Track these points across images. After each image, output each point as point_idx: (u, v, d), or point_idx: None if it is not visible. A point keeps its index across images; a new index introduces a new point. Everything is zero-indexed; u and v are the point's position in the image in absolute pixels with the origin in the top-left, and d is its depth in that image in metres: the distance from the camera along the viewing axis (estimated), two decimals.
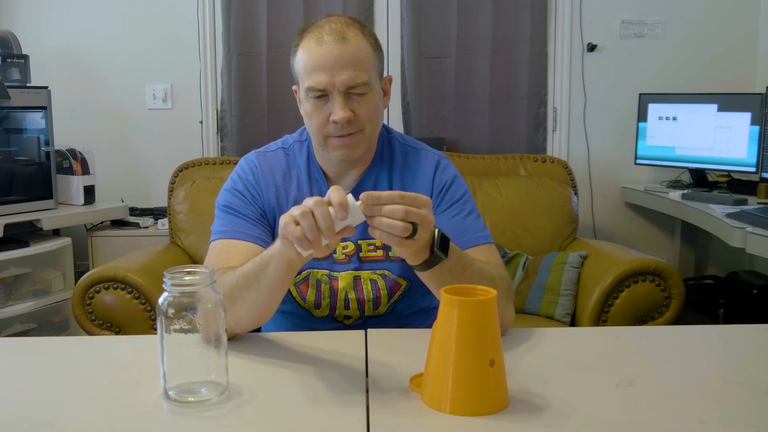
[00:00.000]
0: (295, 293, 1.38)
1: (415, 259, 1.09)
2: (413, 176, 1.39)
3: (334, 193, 0.97)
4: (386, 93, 1.37)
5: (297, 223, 0.97)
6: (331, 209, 0.97)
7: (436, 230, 1.09)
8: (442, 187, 1.37)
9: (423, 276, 1.13)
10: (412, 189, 1.36)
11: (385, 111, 3.63)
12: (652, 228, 3.38)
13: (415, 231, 1.00)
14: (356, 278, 1.36)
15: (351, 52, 1.25)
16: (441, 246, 1.09)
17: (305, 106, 1.31)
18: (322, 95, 1.26)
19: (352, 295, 1.36)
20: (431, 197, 1.37)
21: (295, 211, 0.98)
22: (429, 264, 1.09)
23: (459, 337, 0.91)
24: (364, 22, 1.37)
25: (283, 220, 0.99)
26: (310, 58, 1.26)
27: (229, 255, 1.26)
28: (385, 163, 1.40)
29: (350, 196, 0.98)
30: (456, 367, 0.91)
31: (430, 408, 0.93)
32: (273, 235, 1.36)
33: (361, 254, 1.37)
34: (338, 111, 1.25)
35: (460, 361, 0.91)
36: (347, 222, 0.97)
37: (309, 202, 0.97)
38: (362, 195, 0.99)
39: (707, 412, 0.93)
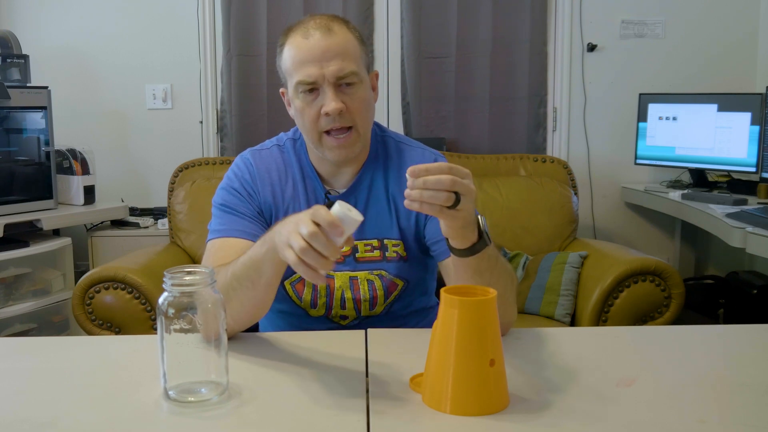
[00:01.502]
0: (291, 292, 1.37)
1: (464, 242, 1.08)
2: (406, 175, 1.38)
3: (318, 215, 0.94)
4: (374, 88, 1.36)
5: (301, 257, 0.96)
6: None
7: (480, 216, 1.09)
8: None
9: (463, 263, 1.11)
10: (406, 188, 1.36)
11: (385, 111, 3.64)
12: (652, 228, 3.38)
13: (458, 201, 0.99)
14: (353, 278, 1.36)
15: (338, 43, 1.25)
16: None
17: (295, 104, 1.30)
18: (312, 89, 1.26)
19: (348, 295, 1.36)
20: None
21: (294, 242, 0.95)
22: (475, 249, 1.08)
23: (459, 337, 0.91)
24: (357, 22, 1.37)
25: (290, 257, 0.97)
26: (297, 53, 1.26)
27: (227, 254, 1.26)
28: (380, 161, 1.40)
29: (337, 207, 0.95)
30: (456, 367, 0.91)
31: (430, 408, 0.93)
32: None
33: (357, 255, 1.37)
34: (330, 102, 1.24)
35: (461, 361, 0.91)
36: (346, 234, 0.96)
37: (303, 230, 0.94)
38: (409, 170, 0.98)
39: (707, 412, 0.93)
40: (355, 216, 0.96)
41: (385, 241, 1.37)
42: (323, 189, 1.37)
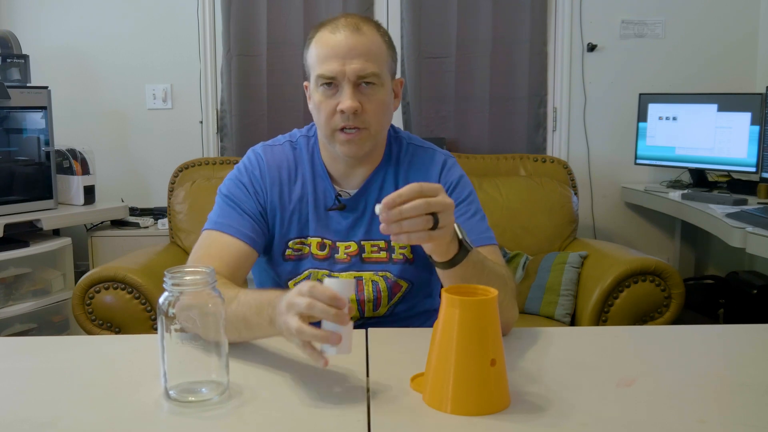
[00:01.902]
0: None
1: (446, 255, 1.07)
2: (419, 176, 1.38)
3: (316, 292, 0.92)
4: (397, 95, 1.36)
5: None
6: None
7: (456, 225, 1.08)
8: (448, 186, 1.37)
9: (447, 274, 1.10)
10: None
11: None
12: (652, 228, 3.38)
13: (437, 220, 0.99)
14: (357, 279, 1.36)
15: (364, 43, 1.25)
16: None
17: (314, 97, 1.30)
18: (331, 84, 1.26)
19: (352, 296, 1.36)
20: None
21: (292, 323, 0.93)
22: (456, 259, 1.08)
23: (460, 337, 0.91)
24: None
25: (298, 344, 0.95)
26: (323, 47, 1.26)
27: (218, 251, 1.27)
28: (392, 163, 1.39)
29: (327, 280, 0.94)
30: (457, 367, 0.91)
31: (430, 407, 0.93)
32: (268, 234, 1.36)
33: (363, 255, 1.37)
34: (345, 100, 1.24)
35: (461, 360, 0.91)
36: (347, 301, 0.94)
37: (299, 306, 0.92)
38: (384, 201, 0.97)
39: (707, 412, 0.93)
40: (347, 280, 0.95)
41: (393, 243, 1.36)
42: (334, 190, 1.37)
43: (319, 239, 1.36)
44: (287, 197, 1.36)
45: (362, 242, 1.36)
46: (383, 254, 1.37)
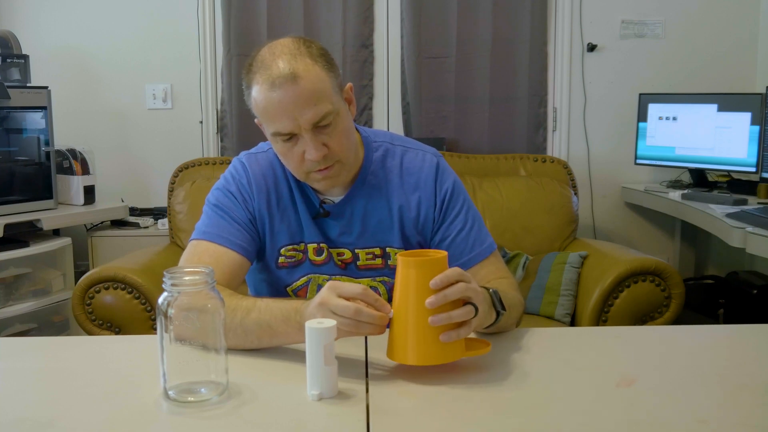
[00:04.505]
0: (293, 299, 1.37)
1: (487, 322, 1.10)
2: (413, 179, 1.36)
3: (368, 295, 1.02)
4: (351, 102, 1.30)
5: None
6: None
7: (490, 291, 1.12)
8: (444, 196, 1.35)
9: (489, 330, 1.16)
10: (412, 196, 1.35)
11: (385, 111, 3.63)
12: (652, 228, 3.38)
13: (476, 307, 1.03)
14: None
15: (306, 88, 1.17)
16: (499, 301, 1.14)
17: (276, 147, 1.28)
18: (290, 137, 1.22)
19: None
20: (433, 206, 1.35)
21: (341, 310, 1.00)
22: (496, 321, 1.13)
23: (417, 293, 1.00)
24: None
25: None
26: (267, 105, 1.20)
27: (209, 261, 1.25)
28: (378, 167, 1.36)
29: (310, 326, 0.96)
30: (416, 320, 1.00)
31: (394, 360, 1.03)
32: (259, 242, 1.35)
33: (358, 263, 1.35)
34: (311, 151, 1.20)
35: (420, 314, 0.99)
36: (329, 343, 0.96)
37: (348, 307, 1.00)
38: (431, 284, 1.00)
39: (707, 412, 0.93)
40: (329, 327, 0.96)
41: (388, 249, 1.35)
42: (317, 198, 1.35)
43: (315, 245, 1.35)
44: (275, 204, 1.34)
45: (356, 250, 1.35)
46: (379, 261, 1.35)
